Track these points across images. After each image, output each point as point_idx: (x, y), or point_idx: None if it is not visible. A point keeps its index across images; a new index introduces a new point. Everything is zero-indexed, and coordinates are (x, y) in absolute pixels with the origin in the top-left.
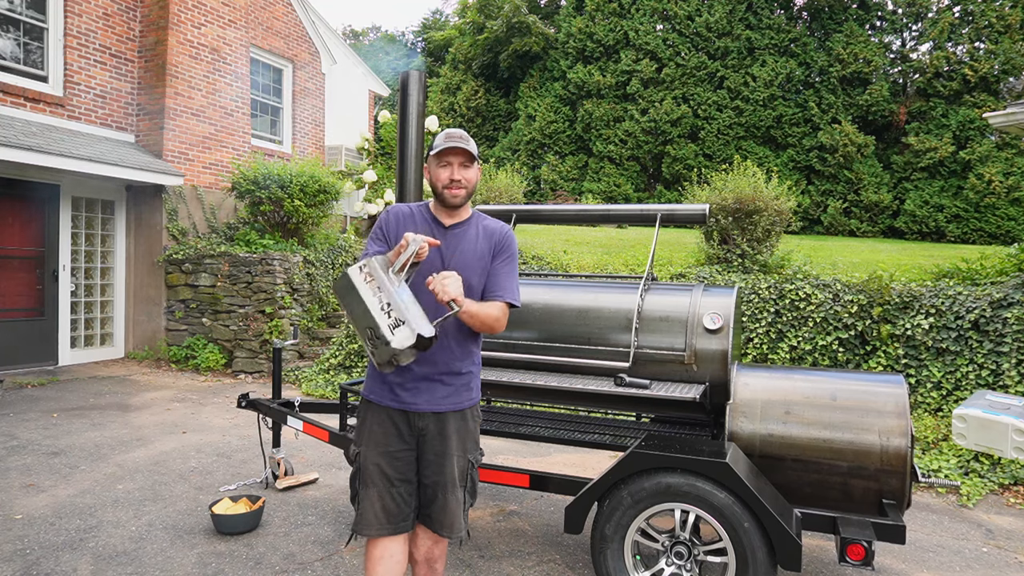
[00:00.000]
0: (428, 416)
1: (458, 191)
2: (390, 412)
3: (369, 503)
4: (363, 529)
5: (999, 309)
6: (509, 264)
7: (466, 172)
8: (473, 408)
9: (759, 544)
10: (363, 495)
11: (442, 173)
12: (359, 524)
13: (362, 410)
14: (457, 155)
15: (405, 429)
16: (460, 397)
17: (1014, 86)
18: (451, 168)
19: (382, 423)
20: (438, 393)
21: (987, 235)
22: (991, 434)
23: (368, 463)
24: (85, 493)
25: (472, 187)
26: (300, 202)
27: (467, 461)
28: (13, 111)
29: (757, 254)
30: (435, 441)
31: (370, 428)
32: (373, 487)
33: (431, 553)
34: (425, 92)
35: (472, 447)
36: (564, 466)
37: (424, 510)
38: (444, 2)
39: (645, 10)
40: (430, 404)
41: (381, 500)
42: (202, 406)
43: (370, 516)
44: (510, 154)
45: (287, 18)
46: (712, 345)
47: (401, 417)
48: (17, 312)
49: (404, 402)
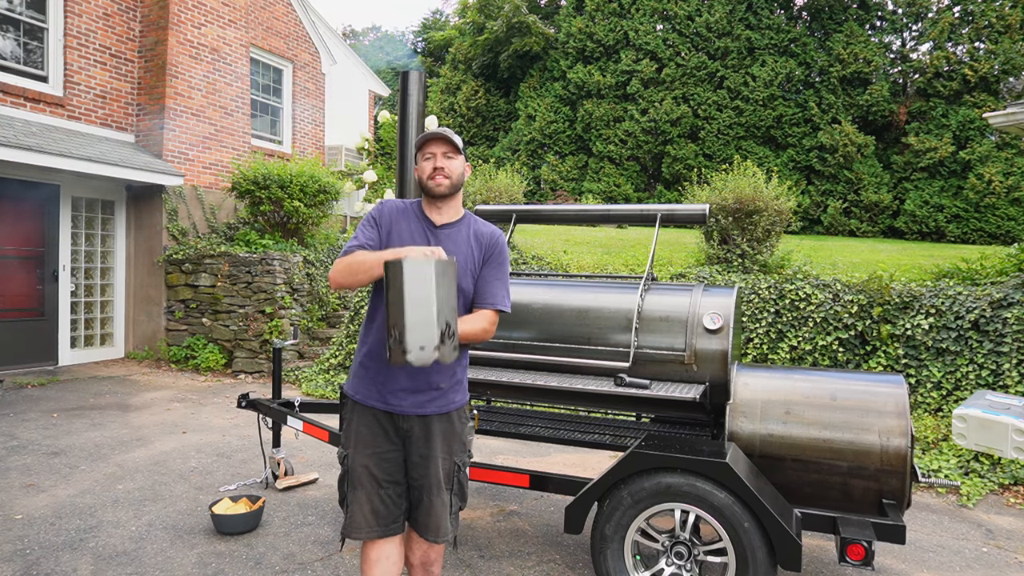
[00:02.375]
0: (413, 419)
1: (442, 179)
2: (376, 413)
3: (358, 505)
4: (353, 532)
5: (999, 309)
6: (500, 269)
7: (449, 162)
8: (460, 411)
9: (759, 544)
10: (352, 498)
11: (426, 164)
12: (349, 527)
13: (348, 410)
14: (440, 144)
15: (391, 430)
16: (446, 400)
17: (1014, 86)
18: (435, 158)
19: (369, 424)
20: (423, 397)
21: (987, 235)
22: (991, 434)
23: (356, 465)
24: (85, 493)
25: (457, 178)
26: (300, 202)
27: (453, 463)
28: (13, 111)
29: (757, 254)
30: (420, 443)
31: (357, 430)
32: (361, 489)
33: (427, 557)
34: (425, 92)
35: (459, 449)
36: (564, 466)
37: (412, 513)
38: (444, 2)
39: (645, 10)
40: (415, 407)
41: (370, 502)
42: (202, 406)
43: (359, 519)
44: (510, 154)
45: (287, 18)
46: (712, 345)
47: (387, 418)
48: (17, 312)
49: (390, 404)
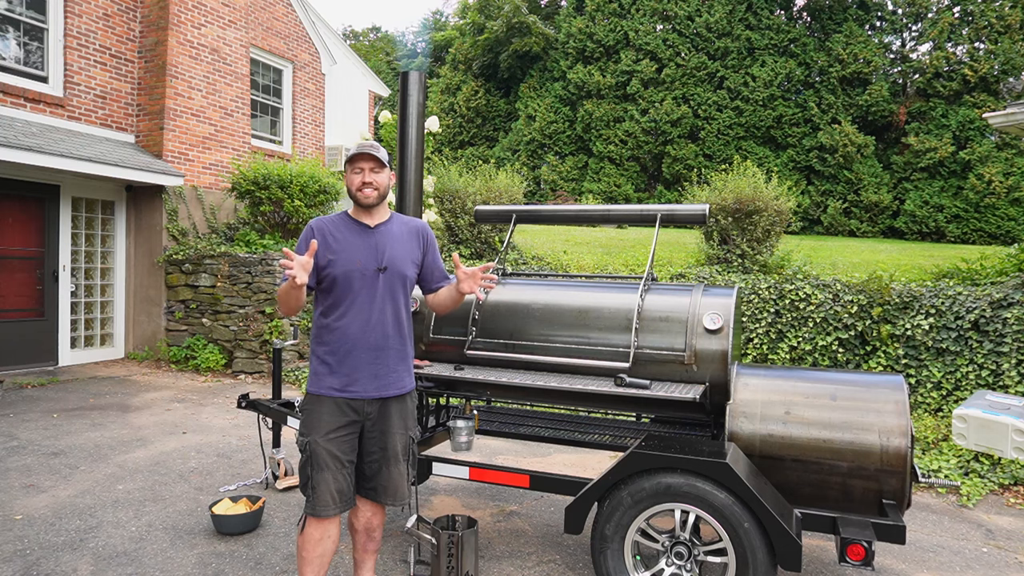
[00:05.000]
0: (374, 402)
1: (370, 192)
2: (337, 401)
3: (326, 486)
4: (321, 511)
5: (999, 309)
6: (437, 251)
7: (376, 176)
8: (411, 393)
9: (759, 544)
10: (318, 479)
11: (355, 178)
12: (316, 507)
13: (310, 403)
14: (367, 161)
15: (351, 415)
16: (403, 383)
17: (1014, 86)
18: (363, 173)
19: (331, 411)
20: (384, 381)
21: (987, 235)
22: (991, 434)
23: (320, 448)
24: (85, 493)
25: (384, 190)
26: (300, 202)
27: (408, 437)
28: (13, 111)
29: (757, 254)
30: (380, 421)
31: (320, 417)
32: (328, 470)
33: (370, 523)
34: (425, 92)
35: (412, 424)
36: (564, 466)
37: (369, 483)
38: (444, 2)
39: (645, 10)
40: (379, 391)
41: (336, 481)
42: (202, 406)
43: (327, 498)
44: (510, 154)
45: (287, 18)
46: (712, 345)
47: (347, 405)
48: (17, 312)
49: (354, 392)
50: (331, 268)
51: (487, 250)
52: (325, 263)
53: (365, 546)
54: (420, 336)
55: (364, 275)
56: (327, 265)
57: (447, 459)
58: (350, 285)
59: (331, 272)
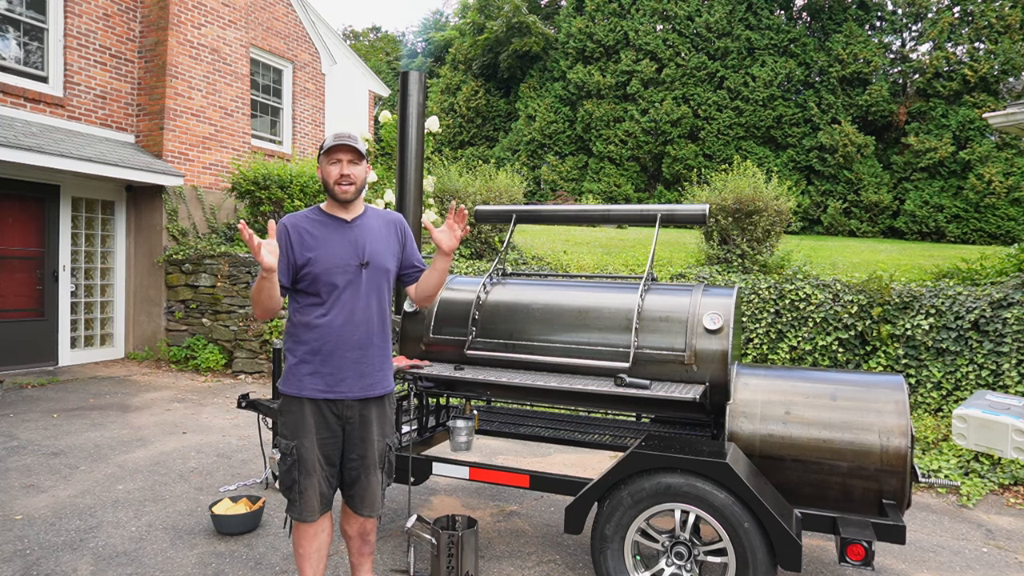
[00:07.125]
0: (354, 404)
1: (348, 187)
2: (319, 404)
3: (313, 491)
4: (308, 516)
5: (999, 309)
6: (413, 242)
7: (354, 168)
8: (390, 395)
9: (759, 544)
10: (306, 484)
11: (332, 170)
12: (302, 512)
13: (292, 406)
14: (345, 152)
15: (332, 418)
16: (387, 383)
17: (1014, 86)
18: (340, 164)
19: (315, 414)
20: (369, 380)
21: (987, 235)
22: (991, 434)
23: (307, 453)
24: (85, 493)
25: (360, 183)
26: (300, 202)
27: (385, 444)
28: (13, 111)
29: (757, 254)
30: (360, 427)
31: (304, 420)
32: (315, 475)
33: (363, 528)
34: (425, 92)
35: (390, 431)
36: (564, 466)
37: (348, 490)
38: (444, 2)
39: (645, 10)
40: (363, 390)
41: (321, 486)
42: (202, 406)
43: (313, 502)
44: (510, 154)
45: (287, 18)
46: (712, 345)
47: (329, 408)
48: (17, 312)
49: (338, 391)
50: (311, 267)
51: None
52: (304, 262)
53: (360, 550)
54: (420, 336)
55: (346, 271)
56: (305, 264)
57: (447, 459)
58: (333, 282)
59: (311, 271)
